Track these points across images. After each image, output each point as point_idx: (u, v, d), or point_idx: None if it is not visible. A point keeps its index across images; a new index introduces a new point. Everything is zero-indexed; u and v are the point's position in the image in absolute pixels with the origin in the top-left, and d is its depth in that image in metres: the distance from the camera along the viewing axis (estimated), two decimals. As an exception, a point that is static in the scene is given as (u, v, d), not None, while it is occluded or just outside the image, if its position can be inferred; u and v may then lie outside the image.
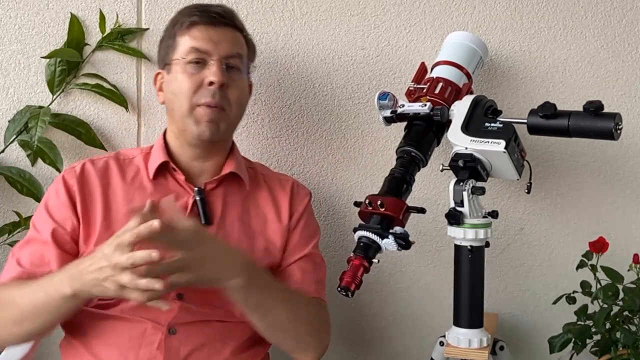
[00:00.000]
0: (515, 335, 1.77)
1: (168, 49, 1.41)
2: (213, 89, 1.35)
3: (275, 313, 1.31)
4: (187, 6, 1.46)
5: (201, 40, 1.37)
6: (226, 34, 1.40)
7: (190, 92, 1.36)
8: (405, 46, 1.70)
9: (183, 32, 1.39)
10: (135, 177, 1.41)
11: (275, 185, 1.50)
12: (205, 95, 1.36)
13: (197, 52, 1.37)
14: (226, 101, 1.37)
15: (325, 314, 1.45)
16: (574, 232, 1.75)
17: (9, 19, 1.66)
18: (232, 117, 1.40)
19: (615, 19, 1.70)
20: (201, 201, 1.38)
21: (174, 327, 1.31)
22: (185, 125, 1.38)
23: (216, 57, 1.36)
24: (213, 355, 1.33)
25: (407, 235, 1.29)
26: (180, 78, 1.37)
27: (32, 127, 1.58)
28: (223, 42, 1.38)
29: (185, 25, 1.39)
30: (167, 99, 1.42)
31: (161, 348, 1.29)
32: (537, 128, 1.37)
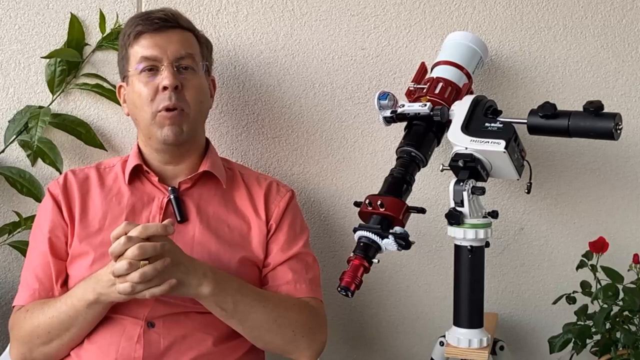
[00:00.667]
0: (515, 335, 1.77)
1: (123, 61, 1.46)
2: (168, 93, 1.38)
3: (253, 317, 1.33)
4: (132, 17, 1.48)
5: (149, 48, 1.40)
6: (172, 36, 1.42)
7: (148, 100, 1.39)
8: (405, 46, 1.70)
9: (132, 44, 1.42)
10: (114, 184, 1.46)
11: (253, 182, 1.51)
12: (163, 100, 1.39)
13: (147, 60, 1.40)
14: (184, 102, 1.40)
15: (318, 313, 1.44)
16: (574, 232, 1.75)
17: (9, 19, 1.66)
18: (192, 116, 1.42)
19: (615, 19, 1.70)
20: (175, 199, 1.41)
21: (152, 320, 1.33)
22: (150, 132, 1.42)
23: (166, 62, 1.39)
24: (194, 347, 1.33)
25: (407, 235, 1.29)
26: (138, 88, 1.41)
27: (32, 127, 1.58)
28: (170, 46, 1.41)
29: (132, 36, 1.42)
30: (130, 110, 1.46)
31: (140, 342, 1.31)
32: (537, 128, 1.37)
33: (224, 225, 1.43)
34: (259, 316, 1.33)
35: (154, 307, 1.33)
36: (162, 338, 1.32)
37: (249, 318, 1.33)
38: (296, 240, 1.47)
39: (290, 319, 1.37)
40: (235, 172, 1.53)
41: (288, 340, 1.37)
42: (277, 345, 1.39)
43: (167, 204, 1.41)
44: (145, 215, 1.41)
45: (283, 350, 1.40)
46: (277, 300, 1.38)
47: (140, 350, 1.30)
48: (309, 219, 1.71)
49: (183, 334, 1.33)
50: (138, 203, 1.42)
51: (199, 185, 1.46)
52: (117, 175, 1.47)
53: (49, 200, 1.44)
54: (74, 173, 1.48)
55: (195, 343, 1.33)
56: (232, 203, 1.46)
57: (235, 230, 1.44)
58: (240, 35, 1.69)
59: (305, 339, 1.39)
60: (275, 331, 1.35)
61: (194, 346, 1.33)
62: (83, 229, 1.40)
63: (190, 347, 1.33)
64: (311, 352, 1.40)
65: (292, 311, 1.38)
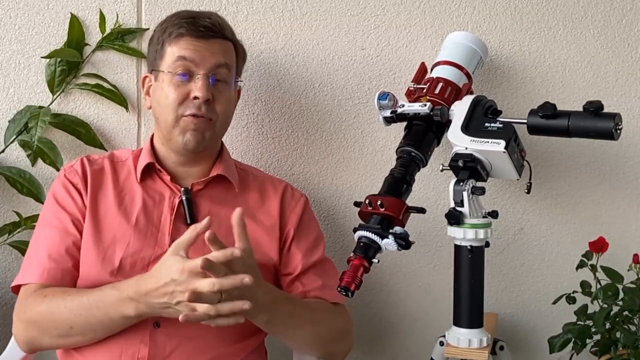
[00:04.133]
0: (515, 335, 1.77)
1: (156, 54, 1.43)
2: (198, 102, 1.37)
3: (301, 333, 1.37)
4: (177, 14, 1.45)
5: (188, 50, 1.39)
6: (214, 45, 1.41)
7: (175, 104, 1.38)
8: (405, 46, 1.70)
9: (171, 42, 1.40)
10: (126, 180, 1.44)
11: (268, 186, 1.51)
12: (191, 107, 1.38)
13: (184, 60, 1.38)
14: (212, 113, 1.40)
15: (347, 318, 1.48)
16: (574, 232, 1.75)
17: (9, 19, 1.66)
18: (218, 127, 1.43)
19: (615, 19, 1.70)
20: (187, 201, 1.40)
21: (158, 320, 1.32)
22: (170, 134, 1.41)
23: (202, 72, 1.38)
24: (201, 349, 1.33)
25: (407, 235, 1.29)
26: (167, 89, 1.39)
27: (32, 127, 1.58)
28: (210, 55, 1.39)
29: (174, 35, 1.40)
30: (153, 106, 1.44)
31: (146, 342, 1.30)
32: (537, 128, 1.37)
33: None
34: (306, 332, 1.37)
35: None
36: (168, 339, 1.31)
37: (297, 335, 1.37)
38: (317, 246, 1.49)
39: (331, 327, 1.42)
40: (248, 174, 1.52)
41: (327, 348, 1.43)
42: (316, 354, 1.44)
43: (178, 204, 1.40)
44: (156, 215, 1.39)
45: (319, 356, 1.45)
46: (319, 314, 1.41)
47: (145, 350, 1.30)
48: (309, 220, 1.72)
49: (189, 336, 1.33)
50: (150, 201, 1.41)
51: (211, 188, 1.45)
52: (130, 171, 1.44)
53: (67, 183, 1.41)
54: (89, 160, 1.45)
55: (200, 345, 1.33)
56: (245, 206, 1.45)
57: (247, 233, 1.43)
58: (240, 35, 1.68)
59: (338, 345, 1.45)
60: (317, 343, 1.41)
61: (199, 348, 1.33)
62: (93, 223, 1.37)
63: (196, 350, 1.32)
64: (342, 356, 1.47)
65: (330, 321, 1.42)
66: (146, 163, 1.42)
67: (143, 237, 1.37)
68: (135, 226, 1.37)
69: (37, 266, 1.35)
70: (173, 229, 1.37)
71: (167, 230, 1.38)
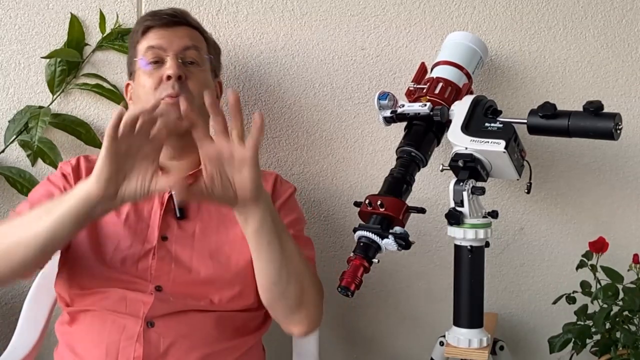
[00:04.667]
0: (515, 335, 1.77)
1: (131, 59, 1.47)
2: (172, 82, 1.38)
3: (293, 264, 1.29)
4: (142, 15, 1.50)
5: (155, 39, 1.42)
6: (179, 31, 1.45)
7: (152, 89, 1.39)
8: (405, 46, 1.70)
9: (140, 39, 1.44)
10: None
11: None
12: (166, 88, 1.38)
13: (152, 49, 1.41)
14: (187, 91, 1.39)
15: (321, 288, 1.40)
16: (574, 232, 1.75)
17: (9, 19, 1.66)
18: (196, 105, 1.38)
19: (615, 19, 1.70)
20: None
21: (152, 319, 1.32)
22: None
23: (171, 53, 1.41)
24: (196, 347, 1.33)
25: (407, 235, 1.29)
26: (142, 80, 1.41)
27: (32, 127, 1.58)
28: (176, 39, 1.43)
29: (140, 31, 1.44)
30: (135, 102, 1.45)
31: (140, 341, 1.30)
32: (537, 128, 1.37)
33: (226, 221, 1.43)
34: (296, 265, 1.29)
35: (153, 306, 1.32)
36: (162, 337, 1.31)
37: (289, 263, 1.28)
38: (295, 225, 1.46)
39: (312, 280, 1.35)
40: None
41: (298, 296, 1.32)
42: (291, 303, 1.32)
43: (168, 199, 1.41)
44: (146, 210, 1.40)
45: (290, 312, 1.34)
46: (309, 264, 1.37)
47: (140, 349, 1.29)
48: (309, 219, 1.71)
49: (183, 334, 1.33)
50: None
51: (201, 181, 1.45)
52: None
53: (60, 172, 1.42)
54: (87, 160, 1.46)
55: (195, 342, 1.33)
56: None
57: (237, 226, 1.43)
58: (240, 35, 1.69)
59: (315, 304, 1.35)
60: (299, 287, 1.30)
61: (194, 346, 1.33)
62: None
63: (191, 347, 1.33)
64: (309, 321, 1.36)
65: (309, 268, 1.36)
66: None
67: (133, 234, 1.37)
68: (125, 223, 1.38)
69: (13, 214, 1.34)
70: (162, 224, 1.38)
71: (156, 225, 1.38)
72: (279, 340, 1.54)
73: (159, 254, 1.36)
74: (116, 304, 1.33)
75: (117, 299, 1.33)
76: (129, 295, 1.33)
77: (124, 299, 1.32)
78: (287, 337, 1.58)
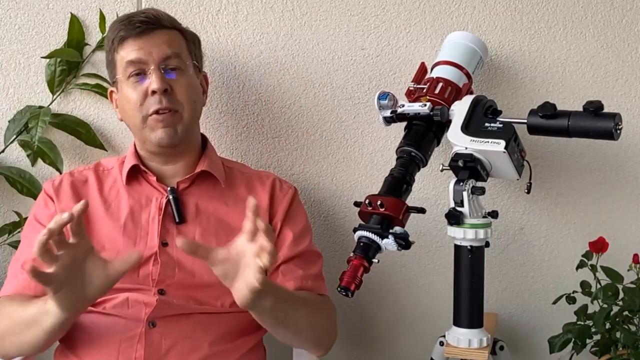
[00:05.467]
0: (515, 335, 1.77)
1: (110, 66, 1.45)
2: (157, 96, 1.38)
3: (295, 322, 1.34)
4: (116, 20, 1.47)
5: (133, 52, 1.39)
6: (156, 38, 1.41)
7: (137, 105, 1.39)
8: (405, 46, 1.70)
9: (117, 49, 1.42)
10: (112, 188, 1.45)
11: (255, 181, 1.51)
12: (153, 103, 1.38)
13: (133, 64, 1.39)
14: (176, 104, 1.40)
15: (332, 309, 1.46)
16: (574, 232, 1.75)
17: (9, 19, 1.66)
18: (186, 117, 1.42)
19: (615, 19, 1.69)
20: (174, 200, 1.40)
21: (153, 320, 1.32)
22: (143, 136, 1.41)
23: (153, 65, 1.38)
24: (197, 347, 1.33)
25: (407, 235, 1.29)
26: (127, 93, 1.40)
27: (32, 127, 1.58)
28: (154, 48, 1.39)
29: (116, 42, 1.41)
30: (122, 115, 1.46)
31: (142, 341, 1.30)
32: (537, 128, 1.37)
33: (225, 225, 1.43)
34: (300, 320, 1.35)
35: (157, 307, 1.32)
36: (164, 338, 1.32)
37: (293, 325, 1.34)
38: (303, 237, 1.47)
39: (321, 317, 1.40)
40: (234, 171, 1.52)
41: (317, 338, 1.42)
42: (307, 344, 1.43)
43: (166, 204, 1.41)
44: (144, 217, 1.40)
45: (308, 347, 1.43)
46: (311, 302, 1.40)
47: (141, 349, 1.30)
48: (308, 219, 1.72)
49: (185, 335, 1.33)
50: (136, 205, 1.41)
51: (198, 184, 1.45)
52: (116, 179, 1.46)
53: (45, 197, 1.44)
54: (71, 175, 1.47)
55: (197, 344, 1.33)
56: (232, 202, 1.46)
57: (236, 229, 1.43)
58: (240, 35, 1.69)
59: (327, 336, 1.44)
60: (310, 332, 1.39)
61: (196, 347, 1.33)
62: None
63: (192, 349, 1.33)
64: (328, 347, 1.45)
65: (320, 311, 1.41)
66: (131, 165, 1.44)
67: (132, 243, 1.37)
68: (123, 233, 1.38)
69: (12, 279, 1.37)
70: (162, 230, 1.38)
71: (155, 232, 1.38)
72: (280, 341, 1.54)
73: (162, 260, 1.36)
74: (118, 306, 1.33)
75: (119, 302, 1.33)
76: (131, 296, 1.33)
77: (125, 301, 1.33)
78: (287, 337, 1.58)
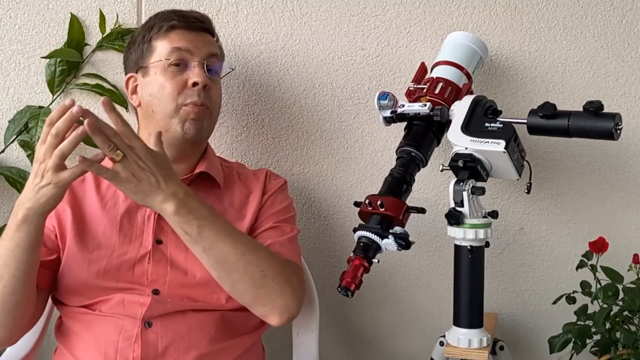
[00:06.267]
0: (515, 335, 1.77)
1: (143, 52, 1.43)
2: (197, 89, 1.38)
3: (219, 247, 1.26)
4: (161, 13, 1.47)
5: (182, 41, 1.41)
6: (205, 37, 1.46)
7: (175, 93, 1.39)
8: (405, 46, 1.70)
9: (161, 36, 1.41)
10: (110, 185, 1.42)
11: (251, 180, 1.51)
12: (191, 95, 1.39)
13: (179, 51, 1.40)
14: (210, 101, 1.42)
15: (295, 276, 1.36)
16: (574, 232, 1.75)
17: (9, 19, 1.66)
18: (214, 116, 1.45)
19: (615, 19, 1.70)
20: None
21: (149, 320, 1.32)
22: (168, 125, 1.40)
23: (198, 59, 1.40)
24: (194, 346, 1.33)
25: (407, 235, 1.29)
26: (162, 80, 1.39)
27: (32, 127, 1.58)
28: (203, 45, 1.43)
29: (164, 29, 1.41)
30: (146, 101, 1.43)
31: (138, 341, 1.30)
32: (537, 128, 1.37)
33: None
34: (225, 247, 1.26)
35: (151, 307, 1.32)
36: (160, 338, 1.32)
37: (214, 247, 1.26)
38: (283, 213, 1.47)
39: (260, 257, 1.30)
40: (233, 170, 1.53)
41: (256, 283, 1.28)
42: (244, 286, 1.29)
43: None
44: (140, 216, 1.40)
45: (252, 298, 1.31)
46: (248, 238, 1.34)
47: (138, 350, 1.30)
48: (309, 219, 1.72)
49: (181, 334, 1.33)
50: (133, 204, 1.41)
51: (196, 186, 1.45)
52: None
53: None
54: None
55: (193, 342, 1.33)
56: (230, 202, 1.46)
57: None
58: (240, 35, 1.69)
59: (276, 284, 1.30)
60: (242, 268, 1.27)
61: (192, 346, 1.33)
62: (78, 231, 1.39)
63: (189, 347, 1.33)
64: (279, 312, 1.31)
65: (263, 252, 1.32)
66: None
67: (128, 241, 1.37)
68: (119, 230, 1.38)
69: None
70: (157, 228, 1.38)
71: (151, 230, 1.38)
72: (279, 340, 1.54)
73: (155, 258, 1.36)
74: (114, 307, 1.33)
75: (115, 303, 1.33)
76: (126, 297, 1.33)
77: (122, 302, 1.33)
78: (287, 337, 1.59)
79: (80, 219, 1.40)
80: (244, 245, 1.29)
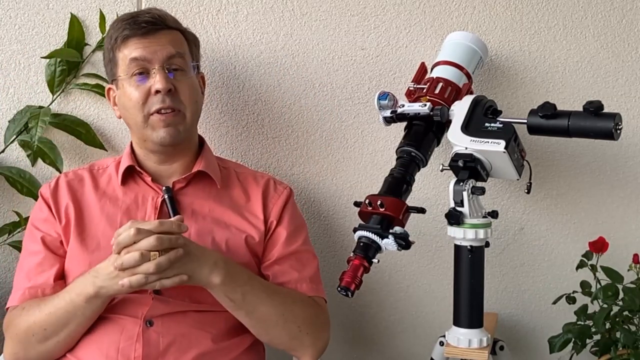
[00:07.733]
0: (515, 335, 1.77)
1: (111, 64, 1.44)
2: (161, 96, 1.38)
3: (261, 309, 1.34)
4: (118, 19, 1.46)
5: (137, 50, 1.39)
6: (161, 38, 1.41)
7: (140, 104, 1.39)
8: (405, 46, 1.70)
9: (119, 48, 1.41)
10: (108, 186, 1.46)
11: (249, 181, 1.51)
12: (155, 102, 1.38)
13: (136, 61, 1.39)
14: (178, 103, 1.40)
15: (321, 311, 1.45)
16: (574, 232, 1.75)
17: (9, 19, 1.66)
18: (188, 117, 1.43)
19: (615, 19, 1.69)
20: (170, 199, 1.40)
21: (150, 319, 1.33)
22: (144, 135, 1.42)
23: (157, 65, 1.39)
24: (194, 345, 1.33)
25: (407, 235, 1.29)
26: (129, 92, 1.40)
27: (32, 127, 1.58)
28: (160, 48, 1.40)
29: (120, 40, 1.41)
30: (122, 113, 1.45)
31: (140, 340, 1.31)
32: (537, 128, 1.37)
33: (221, 224, 1.43)
34: (266, 309, 1.34)
35: (153, 306, 1.33)
36: (162, 337, 1.32)
37: (256, 310, 1.34)
38: (296, 236, 1.48)
39: (296, 314, 1.38)
40: (230, 171, 1.53)
41: (293, 336, 1.38)
42: (281, 340, 1.39)
43: (161, 203, 1.41)
44: (140, 216, 1.41)
45: (287, 346, 1.41)
46: (284, 294, 1.39)
47: (140, 349, 1.30)
48: (309, 219, 1.72)
49: (182, 333, 1.34)
50: (132, 204, 1.42)
51: (194, 185, 1.46)
52: (111, 176, 1.47)
53: (41, 202, 1.45)
54: (66, 176, 1.48)
55: (194, 341, 1.34)
56: (228, 202, 1.46)
57: (232, 228, 1.44)
58: (240, 35, 1.69)
59: (309, 336, 1.39)
60: (281, 325, 1.36)
61: (193, 344, 1.33)
62: (79, 232, 1.40)
63: (190, 346, 1.33)
64: (314, 350, 1.41)
65: (298, 306, 1.39)
66: (126, 166, 1.44)
67: None
68: None
69: (17, 288, 1.39)
70: None
71: None
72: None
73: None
74: (116, 307, 1.34)
75: (117, 302, 1.34)
76: (128, 297, 1.33)
77: (123, 302, 1.33)
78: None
79: (80, 219, 1.41)
80: (282, 305, 1.36)
